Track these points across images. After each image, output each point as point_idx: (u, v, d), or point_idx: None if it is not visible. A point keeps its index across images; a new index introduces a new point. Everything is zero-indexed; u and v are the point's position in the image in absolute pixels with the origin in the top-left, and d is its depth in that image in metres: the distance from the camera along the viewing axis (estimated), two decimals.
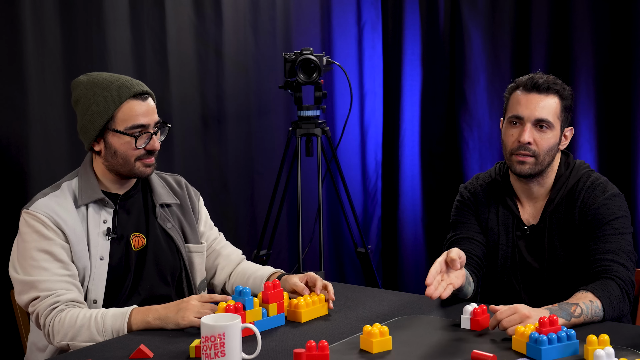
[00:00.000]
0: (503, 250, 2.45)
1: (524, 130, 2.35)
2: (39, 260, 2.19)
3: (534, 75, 2.40)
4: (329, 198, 4.45)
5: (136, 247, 2.33)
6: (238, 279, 2.49)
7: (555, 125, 2.37)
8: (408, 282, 4.62)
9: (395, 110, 4.65)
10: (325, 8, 4.47)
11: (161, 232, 2.38)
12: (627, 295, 2.23)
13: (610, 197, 2.36)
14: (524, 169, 2.37)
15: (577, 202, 2.38)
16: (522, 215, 2.45)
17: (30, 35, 3.00)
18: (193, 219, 2.48)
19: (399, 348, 1.92)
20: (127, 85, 2.26)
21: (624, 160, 3.80)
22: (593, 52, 3.86)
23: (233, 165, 3.96)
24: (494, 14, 4.21)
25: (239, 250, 2.60)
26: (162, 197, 2.40)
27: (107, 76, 2.30)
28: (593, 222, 2.34)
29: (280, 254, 4.21)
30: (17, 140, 3.01)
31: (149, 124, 2.27)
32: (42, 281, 2.17)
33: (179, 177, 2.55)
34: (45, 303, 2.16)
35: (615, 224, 2.33)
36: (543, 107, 2.35)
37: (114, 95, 2.24)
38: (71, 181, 2.31)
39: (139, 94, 2.26)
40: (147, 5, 3.50)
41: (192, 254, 2.45)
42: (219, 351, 1.76)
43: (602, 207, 2.34)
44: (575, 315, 2.07)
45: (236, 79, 3.95)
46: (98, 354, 1.95)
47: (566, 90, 2.40)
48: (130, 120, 2.24)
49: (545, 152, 2.36)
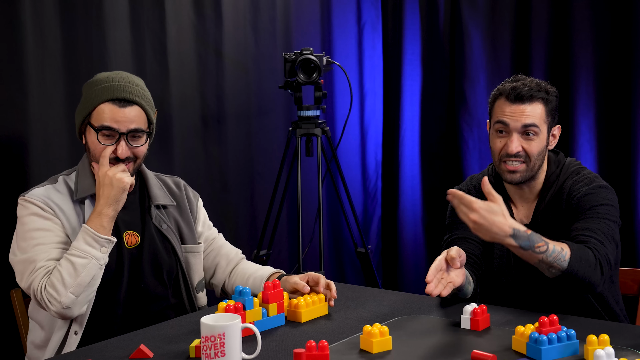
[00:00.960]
0: (498, 249, 2.45)
1: (511, 140, 2.36)
2: (36, 238, 2.23)
3: (516, 84, 2.37)
4: (329, 198, 4.45)
5: (130, 245, 2.34)
6: (238, 279, 2.50)
7: (542, 129, 2.37)
8: (408, 282, 4.62)
9: (395, 110, 4.65)
10: (325, 8, 4.47)
11: (156, 232, 2.39)
12: (601, 267, 2.20)
13: (596, 188, 2.36)
14: (515, 177, 2.39)
15: (564, 194, 2.38)
16: (516, 216, 2.46)
17: (30, 35, 3.00)
18: (191, 219, 2.50)
19: (399, 348, 1.92)
20: (112, 88, 2.29)
21: (624, 160, 3.80)
22: (593, 52, 3.86)
23: (233, 165, 3.96)
24: (494, 14, 4.20)
25: (238, 249, 2.60)
26: (158, 199, 2.42)
27: (106, 76, 2.34)
28: (577, 209, 2.34)
29: (280, 254, 4.21)
30: (17, 140, 3.01)
31: (119, 128, 2.28)
32: (39, 253, 2.21)
33: (179, 179, 2.56)
34: (41, 273, 2.18)
35: (599, 209, 2.32)
36: (528, 115, 2.35)
37: (98, 93, 2.28)
38: (69, 176, 2.36)
39: (119, 99, 2.28)
40: (147, 5, 3.50)
41: (189, 255, 2.46)
42: (219, 351, 1.76)
43: (587, 195, 2.34)
44: (537, 250, 2.10)
45: (236, 79, 3.95)
46: (98, 354, 1.95)
47: (550, 94, 2.39)
48: (100, 119, 2.27)
49: (535, 156, 2.37)
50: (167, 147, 3.61)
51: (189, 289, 2.44)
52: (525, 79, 2.41)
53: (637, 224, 3.76)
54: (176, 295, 2.42)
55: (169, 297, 2.39)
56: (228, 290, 2.54)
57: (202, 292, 2.50)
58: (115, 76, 2.33)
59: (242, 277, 2.48)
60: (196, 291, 2.46)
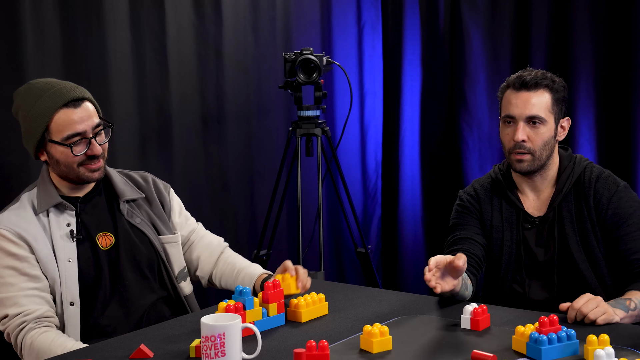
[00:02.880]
0: (507, 246, 2.47)
1: (517, 129, 2.39)
2: (4, 277, 2.20)
3: (522, 73, 2.43)
4: (329, 198, 4.45)
5: (104, 247, 2.33)
6: (227, 270, 2.47)
7: (549, 120, 2.40)
8: (408, 282, 4.62)
9: (395, 110, 4.65)
10: (325, 8, 4.47)
11: (130, 227, 2.37)
12: None
13: (623, 190, 2.42)
14: (522, 166, 2.41)
15: (589, 191, 2.42)
16: (527, 209, 2.47)
17: (30, 35, 3.00)
18: (163, 212, 2.47)
19: (399, 348, 1.92)
20: (58, 93, 2.23)
21: (624, 160, 3.80)
22: (593, 52, 3.86)
23: (233, 165, 3.96)
24: (494, 13, 4.20)
25: (220, 238, 2.58)
26: (125, 194, 2.39)
27: (41, 84, 2.27)
28: (613, 219, 2.39)
29: (280, 254, 4.21)
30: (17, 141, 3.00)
31: (85, 130, 2.24)
32: (8, 297, 2.18)
33: (146, 173, 2.53)
34: (14, 323, 2.17)
35: (634, 218, 2.38)
36: (534, 104, 2.38)
37: (45, 106, 2.22)
38: (30, 192, 2.32)
39: (70, 101, 2.23)
40: (147, 5, 3.50)
41: (167, 245, 2.44)
42: (219, 351, 1.76)
43: (619, 202, 2.40)
44: (631, 308, 2.14)
45: (236, 79, 3.95)
46: (98, 354, 1.95)
47: (556, 83, 2.43)
48: (65, 130, 2.22)
49: (540, 147, 2.40)
50: (167, 147, 3.61)
51: (172, 279, 2.42)
52: (532, 70, 2.46)
53: None
54: (161, 286, 2.41)
55: (155, 290, 2.39)
56: (215, 280, 2.51)
57: (185, 281, 2.48)
58: (46, 84, 2.26)
59: (232, 270, 2.46)
60: (177, 281, 2.45)
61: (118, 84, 3.34)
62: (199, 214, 2.63)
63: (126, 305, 2.33)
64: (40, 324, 2.18)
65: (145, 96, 3.49)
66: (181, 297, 2.44)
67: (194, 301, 2.50)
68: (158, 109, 3.58)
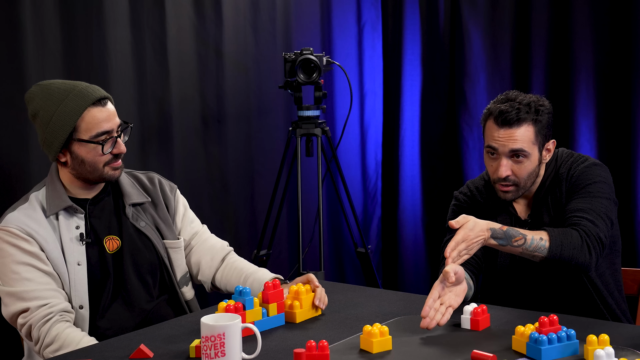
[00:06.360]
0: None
1: (500, 165, 2.36)
2: (20, 273, 2.19)
3: (505, 107, 2.34)
4: (329, 198, 4.45)
5: (111, 250, 2.32)
6: (233, 275, 2.45)
7: (532, 152, 2.36)
8: (408, 282, 4.62)
9: (395, 110, 4.65)
10: (325, 8, 4.47)
11: (135, 231, 2.36)
12: (588, 247, 2.24)
13: (590, 166, 2.40)
14: (507, 196, 2.42)
15: (563, 176, 2.42)
16: (518, 210, 2.48)
17: (30, 35, 3.01)
18: (167, 215, 2.46)
19: (399, 348, 1.92)
20: (84, 93, 2.24)
21: (624, 160, 3.80)
22: (593, 52, 3.86)
23: (233, 165, 3.96)
24: (494, 14, 4.20)
25: (224, 242, 2.56)
26: (132, 197, 2.39)
27: (61, 85, 2.27)
28: (572, 189, 2.38)
29: (281, 254, 4.21)
30: (17, 140, 3.01)
31: (112, 129, 2.27)
32: (27, 291, 2.18)
33: (153, 174, 2.52)
34: (39, 314, 2.16)
35: (591, 187, 2.36)
36: (516, 139, 2.34)
37: (73, 106, 2.22)
38: (38, 192, 2.31)
39: (98, 100, 2.24)
40: (147, 5, 3.50)
41: (170, 250, 2.43)
42: (219, 351, 1.76)
43: (581, 174, 2.38)
44: (515, 244, 2.19)
45: (236, 79, 3.95)
46: (98, 354, 1.95)
47: (540, 113, 2.35)
48: (94, 128, 2.23)
49: (525, 178, 2.39)
50: (167, 147, 3.62)
51: (173, 285, 2.42)
52: (516, 97, 2.37)
53: (637, 224, 3.76)
54: (163, 291, 2.41)
55: (156, 295, 2.38)
56: (220, 286, 2.48)
57: (187, 286, 2.47)
58: (65, 84, 2.26)
59: (238, 275, 2.44)
60: (179, 286, 2.44)
61: (118, 84, 3.34)
62: (199, 214, 2.63)
63: (129, 309, 2.32)
64: (64, 317, 2.18)
65: (145, 96, 3.49)
66: (182, 302, 2.43)
67: (196, 306, 2.49)
68: (158, 109, 3.59)
